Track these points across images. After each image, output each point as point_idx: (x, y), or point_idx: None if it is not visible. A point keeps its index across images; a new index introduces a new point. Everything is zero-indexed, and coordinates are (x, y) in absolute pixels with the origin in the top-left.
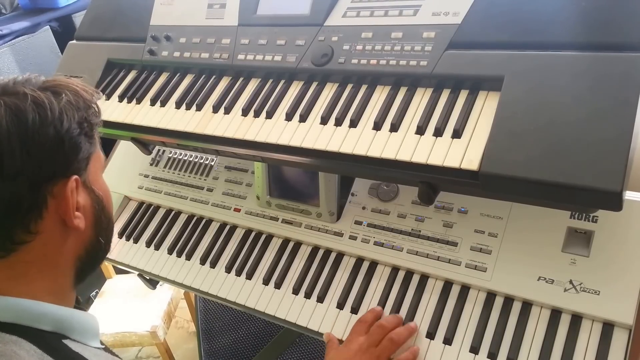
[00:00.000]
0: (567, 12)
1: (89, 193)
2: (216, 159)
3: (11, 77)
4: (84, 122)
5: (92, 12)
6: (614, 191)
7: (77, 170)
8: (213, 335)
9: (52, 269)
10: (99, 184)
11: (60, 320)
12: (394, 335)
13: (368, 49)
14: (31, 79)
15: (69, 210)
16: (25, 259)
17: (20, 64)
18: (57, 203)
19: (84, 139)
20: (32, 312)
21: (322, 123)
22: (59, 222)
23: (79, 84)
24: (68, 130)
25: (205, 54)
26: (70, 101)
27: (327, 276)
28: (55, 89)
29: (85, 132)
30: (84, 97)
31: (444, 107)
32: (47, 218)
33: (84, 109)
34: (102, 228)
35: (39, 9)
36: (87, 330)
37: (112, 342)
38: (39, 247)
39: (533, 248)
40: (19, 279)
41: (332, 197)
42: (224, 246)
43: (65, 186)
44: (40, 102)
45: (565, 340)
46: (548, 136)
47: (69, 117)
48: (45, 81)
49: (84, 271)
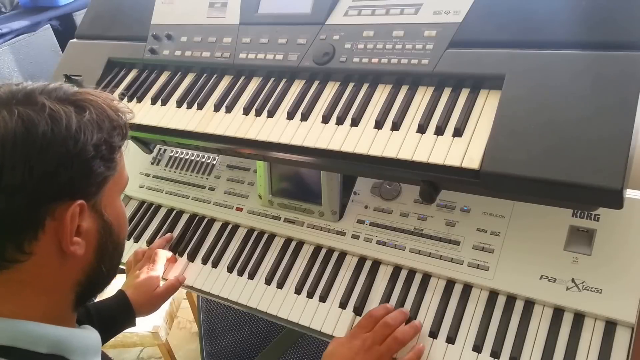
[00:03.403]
0: (567, 11)
1: (96, 218)
2: (218, 158)
3: (41, 84)
4: (103, 144)
5: (92, 11)
6: (615, 189)
7: (84, 194)
8: (215, 336)
9: (48, 292)
10: (112, 208)
11: (59, 342)
12: (398, 334)
13: (369, 47)
14: (62, 88)
15: (65, 236)
16: (18, 278)
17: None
18: (57, 225)
19: (98, 162)
20: (28, 335)
21: (324, 122)
22: (56, 246)
23: (108, 100)
24: (81, 151)
25: (207, 53)
26: (92, 120)
27: (329, 275)
28: (81, 103)
29: (102, 155)
30: (110, 117)
31: (445, 106)
32: (43, 239)
33: (108, 130)
34: (105, 255)
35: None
36: (87, 349)
37: (113, 343)
38: (33, 268)
39: (535, 246)
40: (12, 298)
41: (334, 196)
42: (225, 246)
43: (67, 210)
44: (56, 117)
45: (567, 339)
46: (549, 134)
47: (86, 136)
48: (76, 92)
49: (85, 296)
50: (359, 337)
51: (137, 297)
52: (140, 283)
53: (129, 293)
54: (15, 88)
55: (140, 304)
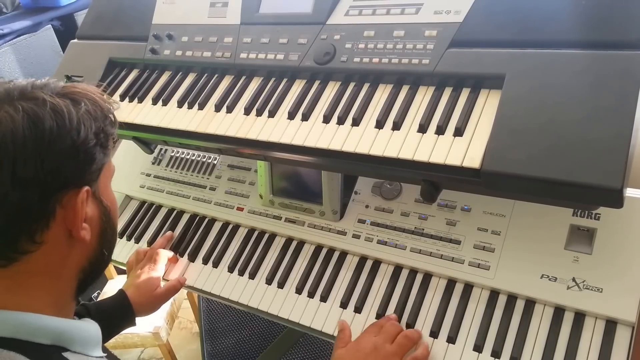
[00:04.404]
0: (567, 11)
1: (97, 204)
2: (219, 158)
3: (29, 80)
4: (101, 132)
5: (93, 11)
6: (615, 188)
7: (88, 181)
8: (216, 336)
9: (54, 281)
10: (107, 194)
11: (60, 333)
12: (408, 332)
13: (370, 47)
14: (50, 84)
15: (77, 222)
16: (26, 269)
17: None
18: (66, 213)
19: (98, 150)
20: (30, 326)
21: (325, 122)
22: (65, 233)
23: (97, 92)
24: (85, 140)
25: (208, 53)
26: (88, 111)
27: (330, 275)
28: (74, 96)
29: (101, 142)
30: (102, 107)
31: (446, 106)
32: (53, 228)
33: (101, 119)
34: (106, 240)
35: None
36: (88, 340)
37: (114, 343)
38: (42, 257)
39: (536, 246)
40: (18, 290)
41: (335, 196)
42: (226, 245)
43: (76, 197)
44: (59, 110)
45: (568, 338)
46: (549, 134)
47: (86, 127)
48: (64, 87)
49: (86, 282)
50: (368, 340)
51: (137, 297)
52: (141, 283)
53: (129, 293)
54: (8, 86)
55: (140, 304)
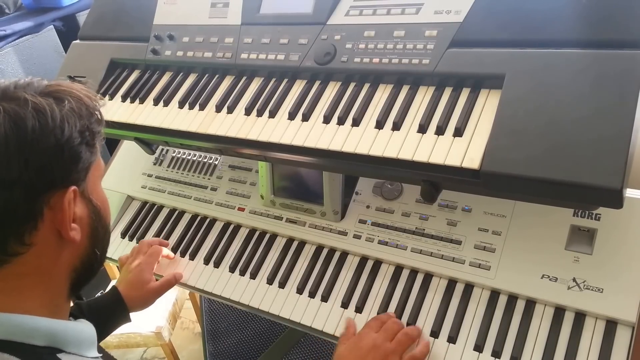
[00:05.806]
0: (567, 10)
1: (86, 204)
2: (220, 158)
3: (12, 80)
4: (86, 130)
5: (95, 12)
6: (615, 188)
7: (75, 180)
8: (218, 336)
9: (46, 282)
10: (97, 193)
11: (54, 334)
12: (407, 329)
13: (370, 47)
14: (33, 83)
15: (65, 222)
16: (18, 271)
17: (24, 64)
18: (54, 214)
19: (84, 148)
20: (24, 328)
21: (325, 122)
22: (54, 234)
23: (82, 89)
24: (69, 139)
25: (208, 53)
26: (72, 108)
27: (331, 275)
28: (57, 94)
29: (87, 141)
30: (87, 104)
31: (446, 106)
32: (42, 229)
33: (87, 117)
34: (98, 239)
35: (42, 9)
36: (82, 341)
37: (116, 343)
38: (33, 259)
39: (536, 246)
40: (11, 292)
41: (336, 196)
42: (227, 246)
43: (63, 197)
44: (41, 109)
45: (568, 338)
46: (549, 134)
47: (70, 125)
48: (48, 85)
49: (79, 283)
50: (368, 336)
51: (129, 292)
52: (132, 278)
53: (121, 288)
54: None
55: (132, 299)
